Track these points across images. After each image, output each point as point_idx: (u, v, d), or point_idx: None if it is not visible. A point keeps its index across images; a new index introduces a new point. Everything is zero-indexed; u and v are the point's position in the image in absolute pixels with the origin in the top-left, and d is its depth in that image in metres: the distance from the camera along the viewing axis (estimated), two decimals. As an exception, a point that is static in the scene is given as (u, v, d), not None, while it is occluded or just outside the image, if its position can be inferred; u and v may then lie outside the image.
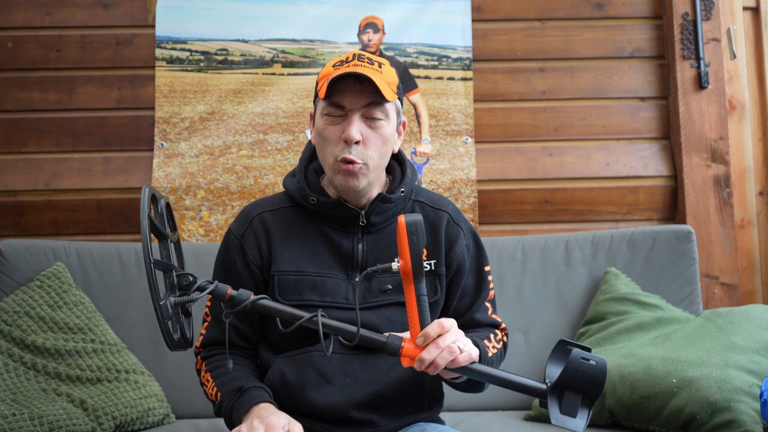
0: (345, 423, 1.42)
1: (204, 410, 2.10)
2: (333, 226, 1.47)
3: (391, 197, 1.46)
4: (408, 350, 1.26)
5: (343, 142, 1.38)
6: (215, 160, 2.52)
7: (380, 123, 1.40)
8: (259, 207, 1.52)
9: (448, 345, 1.24)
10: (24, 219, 2.48)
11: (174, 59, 2.57)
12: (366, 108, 1.39)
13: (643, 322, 2.04)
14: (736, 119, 2.72)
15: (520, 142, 2.60)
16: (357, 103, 1.38)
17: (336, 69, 1.39)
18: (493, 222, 2.55)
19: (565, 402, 1.22)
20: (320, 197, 1.45)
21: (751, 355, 1.74)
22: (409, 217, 1.25)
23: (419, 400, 1.48)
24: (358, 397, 1.41)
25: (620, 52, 2.64)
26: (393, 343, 1.27)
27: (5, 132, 2.53)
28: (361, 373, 1.42)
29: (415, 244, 1.23)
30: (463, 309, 1.52)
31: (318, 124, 1.43)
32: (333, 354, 1.41)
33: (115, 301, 2.17)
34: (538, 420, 1.96)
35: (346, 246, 1.46)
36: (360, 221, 1.45)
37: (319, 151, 1.45)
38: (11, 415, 1.70)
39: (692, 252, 2.24)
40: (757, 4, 2.76)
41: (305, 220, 1.48)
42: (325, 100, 1.39)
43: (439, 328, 1.25)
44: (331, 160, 1.41)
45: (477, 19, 2.62)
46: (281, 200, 1.52)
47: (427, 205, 1.53)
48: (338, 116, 1.40)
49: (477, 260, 1.54)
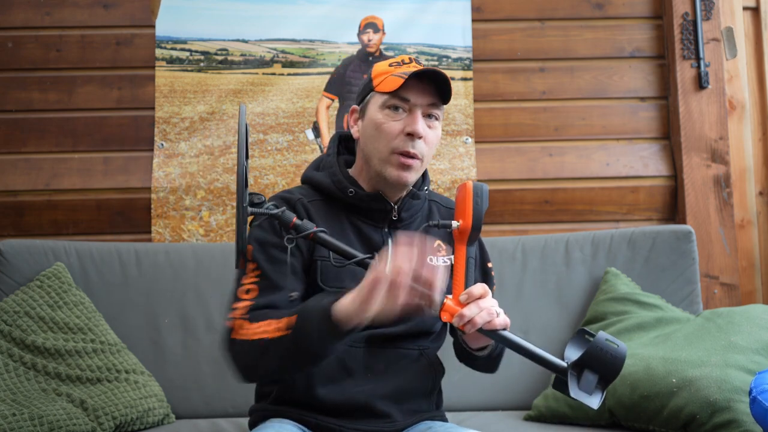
0: (366, 416, 1.43)
1: (204, 410, 2.10)
2: (364, 220, 1.50)
3: (420, 194, 1.52)
4: (449, 306, 1.30)
5: (405, 136, 1.42)
6: (215, 160, 2.52)
7: (436, 123, 1.46)
8: (296, 194, 1.50)
9: (487, 306, 1.28)
10: (24, 219, 2.48)
11: (174, 59, 2.57)
12: (429, 107, 1.44)
13: (643, 322, 2.04)
14: (736, 119, 2.72)
15: (520, 142, 2.60)
16: (423, 99, 1.43)
17: (395, 68, 1.44)
18: (493, 222, 2.55)
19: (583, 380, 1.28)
20: (358, 190, 1.48)
21: (751, 355, 1.74)
22: (476, 183, 1.31)
23: (430, 396, 1.53)
24: (380, 391, 1.44)
25: (620, 52, 2.64)
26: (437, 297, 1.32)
27: (5, 132, 2.53)
28: (383, 367, 1.45)
29: (478, 206, 1.30)
30: None
31: (376, 117, 1.44)
32: (357, 348, 1.43)
33: (115, 301, 2.17)
34: (538, 420, 1.97)
35: (376, 238, 1.49)
36: (392, 215, 1.49)
37: (371, 143, 1.46)
38: (11, 415, 1.70)
39: (692, 252, 2.24)
40: (757, 4, 2.76)
41: (338, 212, 1.50)
42: (391, 93, 1.42)
43: (483, 290, 1.29)
44: (386, 153, 1.43)
45: (477, 19, 2.62)
46: (310, 193, 1.52)
47: (441, 206, 1.60)
48: (399, 112, 1.43)
49: (481, 257, 1.60)
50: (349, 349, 1.43)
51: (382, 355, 1.46)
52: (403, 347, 1.48)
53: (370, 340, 1.45)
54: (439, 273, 1.23)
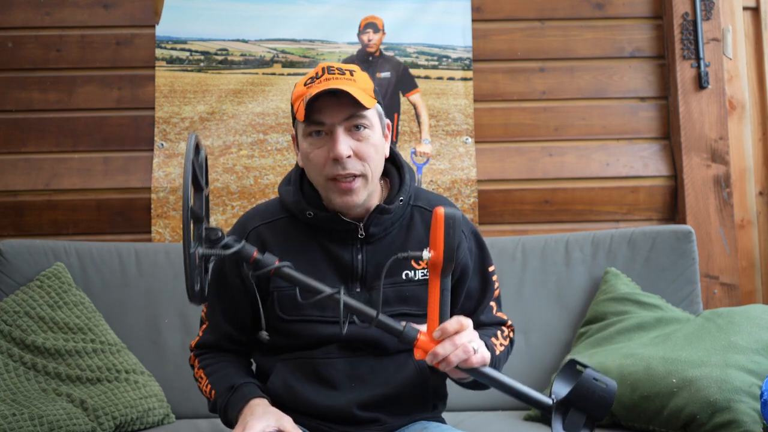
0: (351, 422, 1.42)
1: (204, 410, 2.08)
2: (330, 238, 1.44)
3: (389, 208, 1.42)
4: (423, 343, 1.24)
5: (332, 161, 1.34)
6: (215, 160, 2.52)
7: (366, 132, 1.37)
8: (256, 220, 1.48)
9: (463, 343, 1.22)
10: (24, 219, 2.48)
11: (174, 59, 2.57)
12: (348, 120, 1.35)
13: (643, 322, 2.04)
14: (736, 119, 2.72)
15: (520, 142, 2.60)
16: (337, 117, 1.34)
17: (308, 87, 1.36)
18: (493, 222, 2.55)
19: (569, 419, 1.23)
20: (317, 211, 1.42)
21: (751, 355, 1.74)
22: (447, 210, 1.22)
23: (424, 400, 1.48)
24: (364, 398, 1.41)
25: (620, 52, 2.64)
26: (409, 333, 1.25)
27: (5, 132, 2.53)
28: (367, 376, 1.42)
29: (450, 237, 1.21)
30: (469, 310, 1.51)
31: (303, 147, 1.39)
32: (337, 358, 1.41)
33: (115, 301, 2.17)
34: (538, 420, 1.96)
35: (345, 258, 1.43)
36: (359, 234, 1.42)
37: (309, 173, 1.41)
38: (11, 415, 1.70)
39: (692, 252, 2.24)
40: (757, 4, 2.76)
41: (302, 233, 1.45)
42: (305, 121, 1.35)
43: (458, 325, 1.23)
44: (323, 181, 1.38)
45: (477, 19, 2.62)
46: (277, 210, 1.49)
47: (426, 210, 1.49)
48: (322, 136, 1.36)
49: (480, 261, 1.53)
50: (326, 362, 1.40)
51: (363, 362, 1.42)
52: (387, 353, 1.43)
53: (348, 348, 1.41)
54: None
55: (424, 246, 1.29)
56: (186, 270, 1.18)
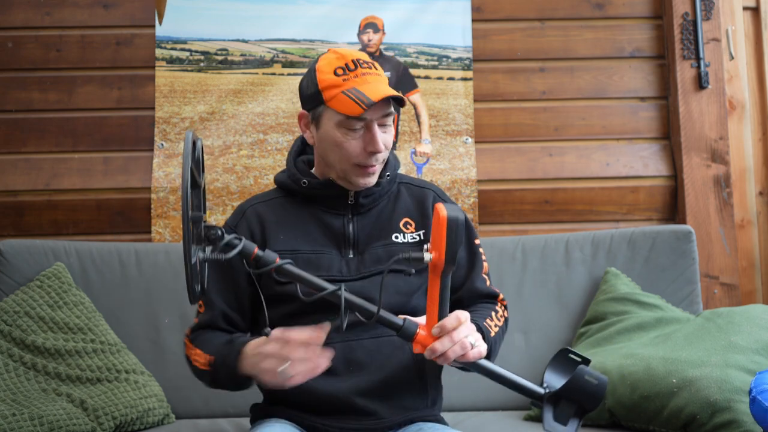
0: (349, 412, 1.43)
1: (204, 410, 2.10)
2: (324, 209, 1.53)
3: (379, 181, 1.53)
4: (422, 338, 1.28)
5: (368, 153, 1.45)
6: (215, 160, 2.52)
7: (390, 127, 1.48)
8: (252, 201, 1.59)
9: (461, 339, 1.27)
10: (24, 219, 2.48)
11: (174, 59, 2.57)
12: (383, 117, 1.46)
13: (643, 322, 2.04)
14: (736, 119, 2.72)
15: (520, 142, 2.60)
16: (377, 114, 1.44)
17: (344, 80, 1.43)
18: (493, 222, 2.55)
19: (559, 410, 1.27)
20: (311, 179, 1.52)
21: (751, 355, 1.74)
22: (451, 211, 1.22)
23: (421, 392, 1.50)
24: (363, 385, 1.43)
25: (620, 52, 2.64)
26: (408, 328, 1.29)
27: (5, 132, 2.53)
28: (365, 359, 1.44)
29: (453, 241, 1.21)
30: (459, 281, 1.57)
31: (333, 134, 1.46)
32: (334, 342, 1.41)
33: (115, 301, 2.17)
34: (538, 420, 1.96)
35: (337, 225, 1.52)
36: (348, 200, 1.52)
37: (331, 155, 1.49)
38: (11, 415, 1.70)
39: (692, 252, 2.24)
40: (757, 4, 2.76)
41: (297, 206, 1.55)
42: (352, 117, 1.42)
43: (456, 322, 1.27)
44: (348, 165, 1.47)
45: (477, 19, 2.62)
46: (273, 193, 1.60)
47: (412, 185, 1.62)
48: (357, 129, 1.44)
49: (467, 234, 1.58)
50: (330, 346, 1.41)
51: (361, 346, 1.45)
52: (384, 335, 1.45)
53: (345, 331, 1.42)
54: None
55: (410, 214, 1.54)
56: (187, 277, 1.20)
